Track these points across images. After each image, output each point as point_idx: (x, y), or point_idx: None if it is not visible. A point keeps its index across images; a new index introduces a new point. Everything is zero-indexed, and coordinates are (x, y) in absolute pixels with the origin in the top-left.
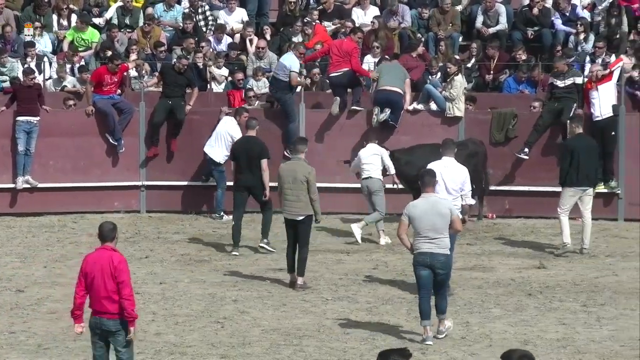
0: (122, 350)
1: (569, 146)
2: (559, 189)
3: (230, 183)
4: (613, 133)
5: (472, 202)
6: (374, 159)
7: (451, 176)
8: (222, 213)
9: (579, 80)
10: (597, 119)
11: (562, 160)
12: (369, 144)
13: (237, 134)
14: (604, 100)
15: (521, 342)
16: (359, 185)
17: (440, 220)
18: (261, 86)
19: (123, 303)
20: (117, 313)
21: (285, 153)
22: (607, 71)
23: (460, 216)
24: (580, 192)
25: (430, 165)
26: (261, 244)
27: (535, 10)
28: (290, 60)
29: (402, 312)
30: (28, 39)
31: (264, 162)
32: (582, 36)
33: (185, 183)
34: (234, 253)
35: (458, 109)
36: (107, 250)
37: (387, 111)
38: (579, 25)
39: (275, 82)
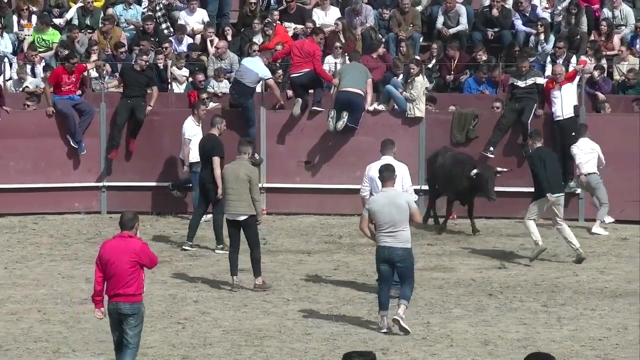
0: (131, 334)
1: (540, 157)
2: (520, 189)
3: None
4: (573, 133)
5: (415, 197)
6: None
7: None
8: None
9: (539, 80)
10: (559, 118)
11: (538, 171)
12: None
13: (188, 132)
14: (566, 101)
15: (482, 342)
16: (318, 186)
17: (398, 213)
18: (222, 87)
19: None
20: (134, 294)
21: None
22: (580, 67)
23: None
24: (553, 199)
25: (370, 165)
26: (216, 251)
27: (495, 12)
28: (260, 68)
29: (363, 313)
30: (29, 38)
31: (215, 160)
32: (542, 37)
33: (146, 184)
34: (185, 247)
35: (419, 109)
36: (125, 237)
37: (345, 117)
38: (539, 26)
39: (238, 87)
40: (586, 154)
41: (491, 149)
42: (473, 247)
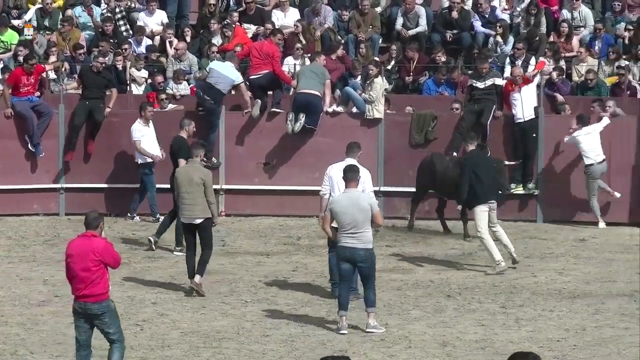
0: (111, 331)
1: (468, 165)
2: None
3: (160, 185)
4: (534, 135)
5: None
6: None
7: None
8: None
9: (498, 81)
10: (519, 120)
11: (463, 180)
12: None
13: (135, 133)
14: (526, 102)
15: (440, 344)
16: (277, 188)
17: (361, 215)
18: (182, 89)
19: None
20: (101, 293)
21: (211, 161)
22: (535, 72)
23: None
24: (490, 206)
25: (332, 165)
26: (175, 252)
27: (455, 14)
28: (234, 73)
29: (322, 314)
30: (29, 38)
31: (181, 162)
32: (501, 38)
33: (104, 185)
34: (150, 238)
35: (378, 111)
36: (88, 237)
37: (302, 119)
38: (498, 27)
39: (213, 93)
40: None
41: (454, 154)
42: (431, 249)
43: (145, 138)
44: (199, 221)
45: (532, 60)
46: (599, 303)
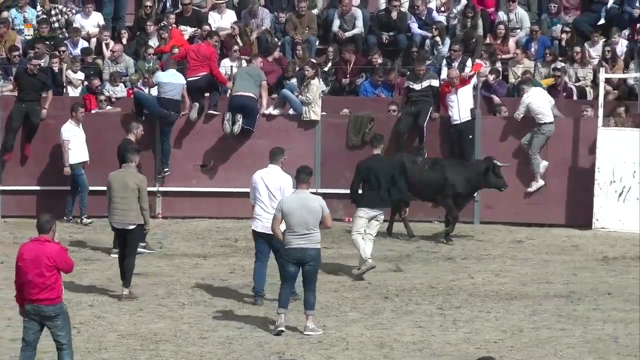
0: (62, 334)
1: (362, 167)
2: None
3: (94, 187)
4: (471, 136)
5: None
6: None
7: (273, 183)
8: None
9: (435, 82)
10: (456, 122)
11: (354, 183)
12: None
13: (65, 134)
14: (462, 104)
15: (377, 346)
16: (214, 189)
17: (311, 216)
18: (118, 91)
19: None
20: (56, 297)
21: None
22: (472, 73)
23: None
24: (373, 214)
25: (256, 172)
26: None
27: (395, 14)
28: (179, 77)
29: (259, 316)
30: (28, 38)
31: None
32: (438, 40)
33: (41, 188)
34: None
35: (314, 112)
36: (42, 242)
37: (239, 120)
38: (434, 29)
39: (171, 104)
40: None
41: (420, 158)
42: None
43: (75, 139)
44: (131, 227)
45: (469, 62)
46: (536, 304)
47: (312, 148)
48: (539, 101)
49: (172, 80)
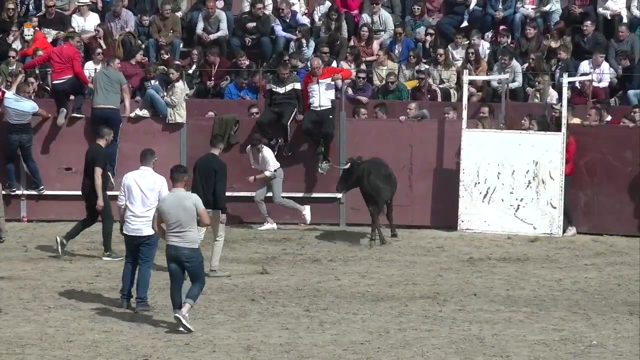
0: None
1: (196, 169)
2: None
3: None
4: (331, 116)
5: None
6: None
7: (147, 185)
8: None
9: (298, 86)
10: (316, 109)
11: (193, 183)
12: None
13: None
14: (323, 94)
15: (244, 348)
16: (79, 193)
17: (185, 214)
18: None
19: None
20: None
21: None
22: (339, 75)
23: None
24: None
25: (127, 174)
26: (103, 258)
27: (259, 14)
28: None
29: (126, 319)
30: (28, 38)
31: (97, 170)
32: (303, 42)
33: None
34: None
35: (179, 115)
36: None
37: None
38: (298, 32)
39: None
40: None
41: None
42: (235, 253)
43: None
44: None
45: (334, 64)
46: (402, 306)
47: (177, 151)
48: None
49: (17, 107)
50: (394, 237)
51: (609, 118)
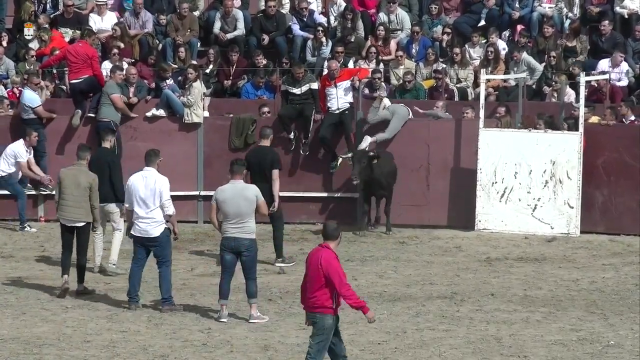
0: None
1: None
2: (298, 194)
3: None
4: (347, 112)
5: (172, 212)
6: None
7: (148, 186)
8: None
9: (314, 85)
10: (334, 112)
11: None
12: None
13: None
14: (341, 98)
15: (262, 348)
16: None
17: (246, 204)
18: None
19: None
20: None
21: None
22: (356, 74)
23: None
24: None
25: (132, 176)
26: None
27: (274, 14)
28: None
29: (143, 319)
30: (29, 38)
31: (275, 172)
32: (323, 41)
33: None
34: None
35: (196, 115)
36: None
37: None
38: (320, 31)
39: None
40: None
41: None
42: None
43: None
44: (81, 224)
45: (350, 64)
46: (419, 306)
47: (194, 150)
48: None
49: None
50: (388, 233)
51: (632, 117)
